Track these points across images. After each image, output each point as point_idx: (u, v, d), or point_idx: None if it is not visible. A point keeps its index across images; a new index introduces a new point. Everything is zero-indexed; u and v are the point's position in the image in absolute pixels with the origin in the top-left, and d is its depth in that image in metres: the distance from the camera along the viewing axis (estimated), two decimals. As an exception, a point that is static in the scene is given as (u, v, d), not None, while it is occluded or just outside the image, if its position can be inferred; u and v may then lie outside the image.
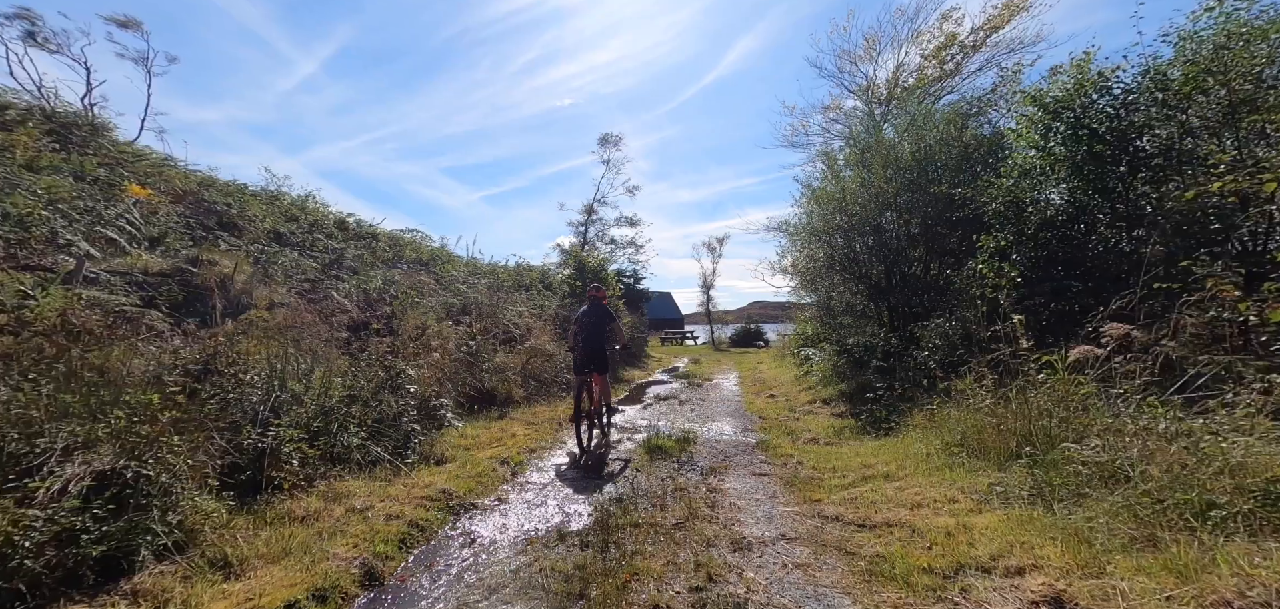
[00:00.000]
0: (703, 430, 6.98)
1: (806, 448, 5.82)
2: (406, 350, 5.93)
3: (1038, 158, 5.93)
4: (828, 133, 15.37)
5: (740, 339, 29.65)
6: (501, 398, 7.90)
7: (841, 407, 7.80)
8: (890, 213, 8.27)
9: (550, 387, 9.44)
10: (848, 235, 9.01)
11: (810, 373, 10.37)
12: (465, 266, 13.32)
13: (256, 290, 5.58)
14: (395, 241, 13.35)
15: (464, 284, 10.81)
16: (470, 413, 7.00)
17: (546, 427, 6.89)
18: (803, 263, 9.14)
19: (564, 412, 8.03)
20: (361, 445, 4.14)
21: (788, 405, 8.63)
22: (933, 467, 3.90)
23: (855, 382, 8.09)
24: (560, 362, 10.45)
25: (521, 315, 11.23)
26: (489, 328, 9.38)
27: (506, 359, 8.90)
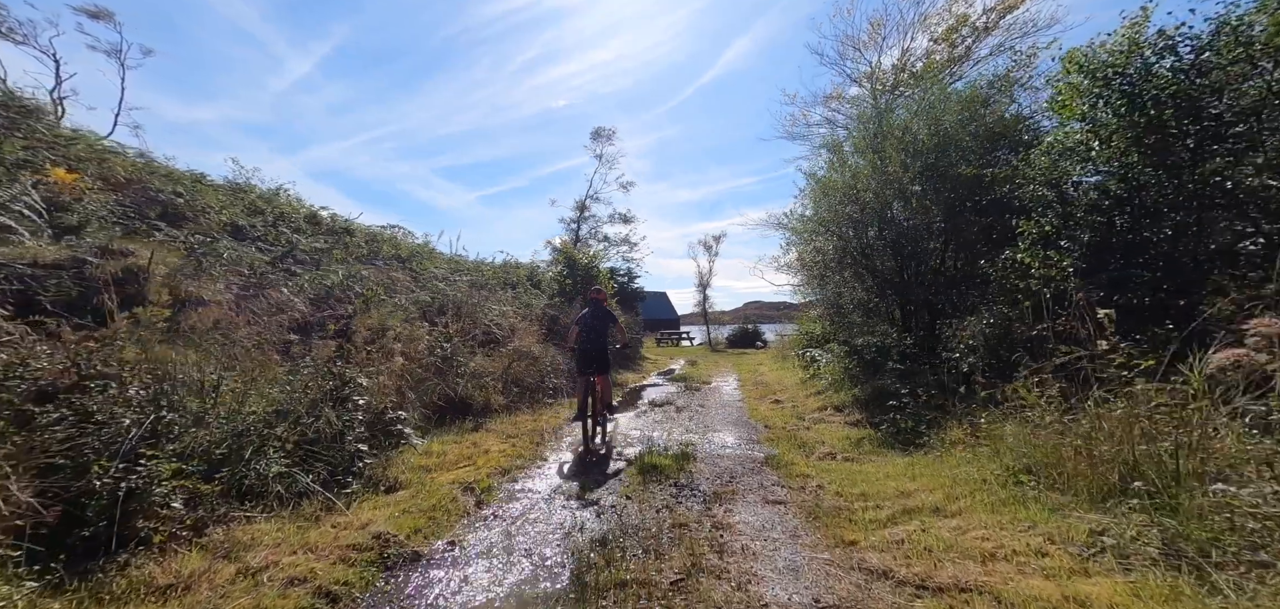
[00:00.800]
0: (703, 443, 6.19)
1: (824, 465, 5.04)
2: (359, 355, 5.11)
3: (1083, 132, 5.20)
4: (832, 121, 14.65)
5: (738, 340, 28.92)
6: (478, 406, 7.08)
7: (856, 414, 7.04)
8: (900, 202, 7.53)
9: (534, 393, 8.62)
10: (859, 226, 8.27)
11: (818, 376, 9.61)
12: (447, 263, 12.48)
13: (184, 285, 4.76)
14: (373, 238, 12.50)
15: (442, 281, 9.99)
16: (440, 424, 6.18)
17: (526, 439, 6.08)
18: (810, 256, 8.40)
19: (549, 421, 7.23)
20: (285, 474, 3.33)
21: (795, 412, 7.87)
22: (995, 499, 3.13)
23: (870, 386, 7.33)
24: (546, 365, 9.64)
25: (505, 315, 10.41)
26: (467, 329, 8.55)
27: (485, 363, 8.08)
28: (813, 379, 9.81)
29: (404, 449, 4.83)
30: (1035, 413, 3.56)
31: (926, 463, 4.42)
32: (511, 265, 14.94)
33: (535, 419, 7.31)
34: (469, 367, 7.31)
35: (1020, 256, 4.97)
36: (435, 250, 13.80)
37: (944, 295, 7.80)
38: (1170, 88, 4.49)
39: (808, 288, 9.31)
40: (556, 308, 12.52)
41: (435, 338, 7.66)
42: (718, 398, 9.92)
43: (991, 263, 5.34)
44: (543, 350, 9.97)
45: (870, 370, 7.86)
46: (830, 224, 8.30)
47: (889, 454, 5.23)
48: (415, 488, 4.09)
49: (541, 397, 8.75)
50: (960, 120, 7.24)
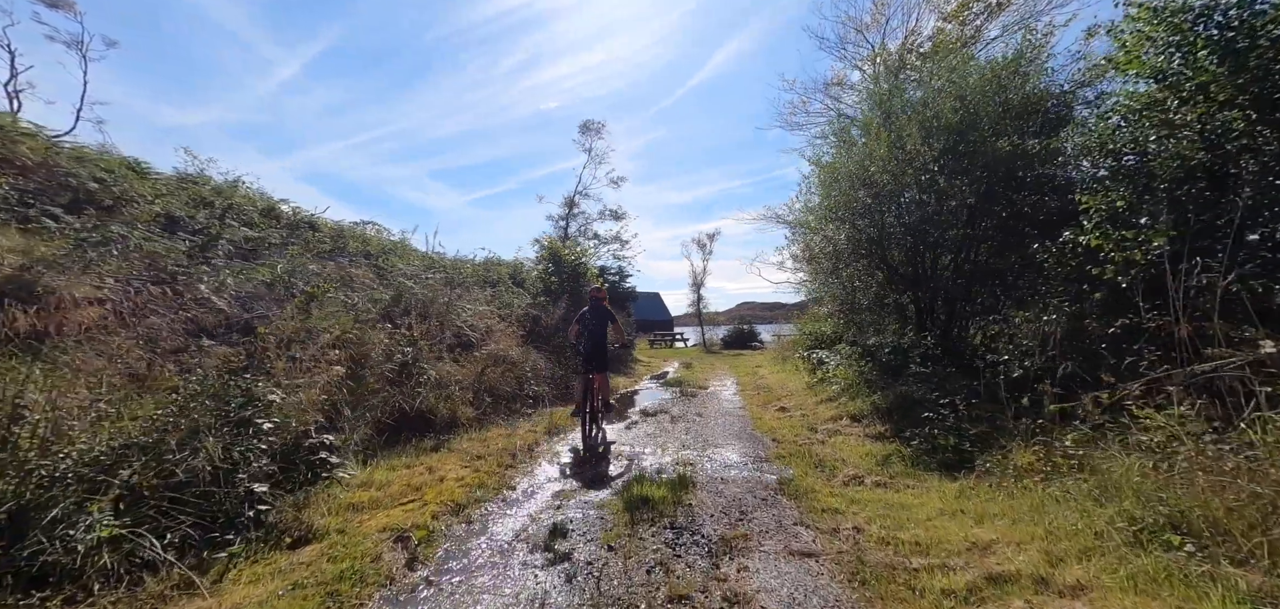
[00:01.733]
0: (704, 462, 5.27)
1: (854, 493, 4.13)
2: (279, 364, 4.12)
3: (1158, 91, 4.34)
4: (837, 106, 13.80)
5: (733, 340, 28.04)
6: (442, 421, 6.10)
7: (878, 425, 6.14)
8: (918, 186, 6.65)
9: (511, 403, 7.65)
10: (872, 213, 7.39)
11: (827, 380, 8.71)
12: (421, 261, 11.46)
13: (43, 280, 3.76)
14: (340, 233, 11.46)
15: (411, 279, 9.00)
16: (392, 444, 5.20)
17: (493, 462, 5.11)
18: (820, 246, 7.52)
19: (524, 436, 6.27)
20: (119, 539, 2.35)
21: (806, 423, 6.96)
22: (1134, 572, 2.20)
23: (892, 393, 6.44)
24: (526, 370, 8.68)
25: (482, 315, 9.43)
26: (434, 331, 7.57)
27: (454, 370, 7.10)
28: (821, 383, 8.92)
29: (331, 483, 3.84)
30: (1154, 434, 2.66)
31: (987, 495, 3.53)
32: (493, 263, 13.94)
33: (509, 434, 6.34)
34: (432, 375, 6.33)
35: (1086, 239, 4.09)
36: (411, 247, 12.79)
37: (969, 289, 6.93)
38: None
39: (815, 283, 8.44)
40: (540, 307, 11.55)
41: (395, 342, 6.68)
42: (717, 405, 9.00)
43: (1045, 248, 4.47)
44: (523, 354, 9.00)
45: (889, 374, 6.98)
46: (841, 210, 7.41)
47: (928, 478, 4.33)
48: (332, 539, 3.12)
49: (519, 406, 7.78)
50: (987, 93, 6.38)
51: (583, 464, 5.25)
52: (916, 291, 7.72)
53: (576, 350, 6.40)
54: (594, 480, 4.66)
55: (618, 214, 24.39)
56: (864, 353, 8.04)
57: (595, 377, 6.18)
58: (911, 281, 7.49)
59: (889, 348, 7.84)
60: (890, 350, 7.66)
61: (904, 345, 7.51)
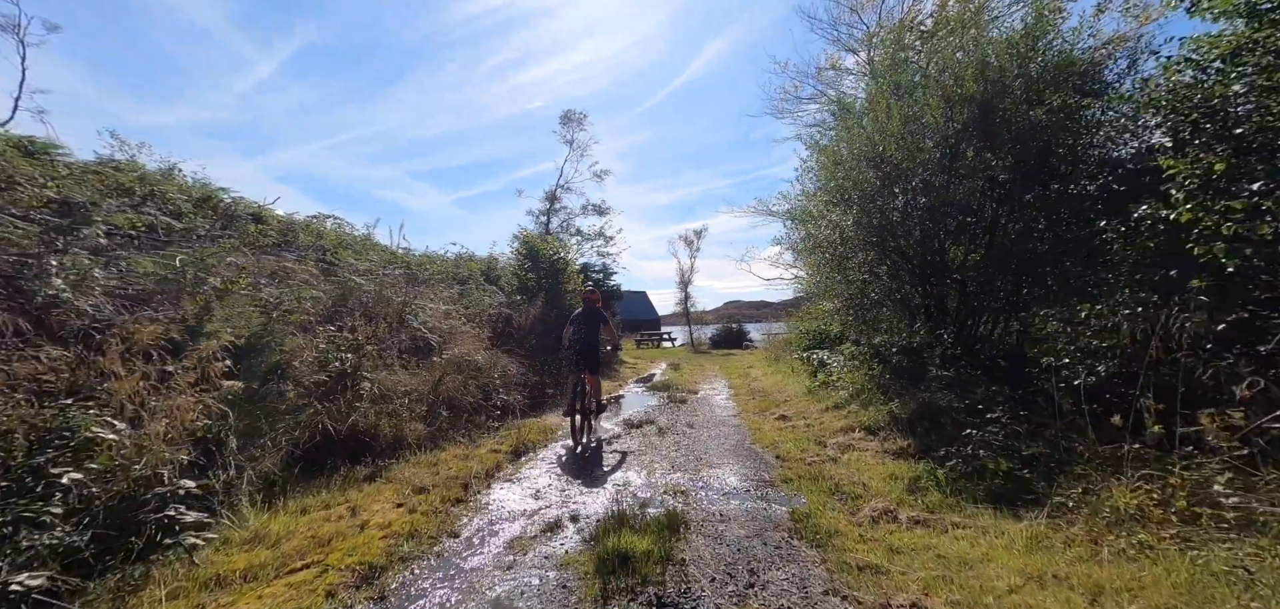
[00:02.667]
0: (697, 491, 4.36)
1: (889, 537, 3.24)
2: (117, 384, 3.08)
3: (1249, 30, 3.53)
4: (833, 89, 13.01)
5: (722, 340, 27.26)
6: (384, 441, 5.09)
7: (898, 439, 5.29)
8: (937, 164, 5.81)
9: (474, 416, 6.65)
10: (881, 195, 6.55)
11: (831, 385, 7.86)
12: (381, 255, 10.36)
13: None
14: (289, 227, 10.32)
15: (364, 275, 7.94)
16: (311, 474, 4.18)
17: (440, 494, 4.12)
18: (825, 233, 6.66)
19: (485, 457, 5.29)
20: None
21: (812, 435, 6.09)
22: None
23: (912, 401, 5.60)
24: (494, 377, 7.68)
25: (443, 315, 8.40)
26: (383, 334, 6.54)
27: (403, 379, 6.08)
28: (824, 388, 8.07)
29: (197, 546, 2.81)
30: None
31: (1079, 549, 2.65)
32: (465, 259, 12.89)
33: (467, 455, 5.35)
34: (372, 387, 5.31)
35: (1175, 213, 3.25)
36: (375, 243, 11.67)
37: (993, 279, 6.13)
38: None
39: (818, 276, 7.60)
40: (514, 306, 10.54)
41: (332, 347, 5.64)
42: (708, 412, 8.11)
43: (1112, 228, 3.64)
44: (490, 358, 8.00)
45: (905, 379, 6.14)
46: (847, 192, 6.56)
47: (978, 513, 3.46)
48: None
49: (484, 419, 6.78)
50: (1016, 55, 5.57)
51: (550, 495, 4.29)
52: (930, 283, 6.90)
53: (569, 351, 6.43)
54: (561, 521, 3.71)
55: (601, 209, 23.39)
56: (873, 354, 7.20)
57: (587, 377, 6.15)
58: (928, 271, 6.66)
59: (897, 348, 7.02)
60: (899, 350, 6.83)
61: (915, 345, 6.69)
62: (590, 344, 6.34)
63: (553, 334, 10.24)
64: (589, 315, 6.49)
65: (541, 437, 6.39)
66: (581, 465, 5.22)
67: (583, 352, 6.25)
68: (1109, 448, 3.01)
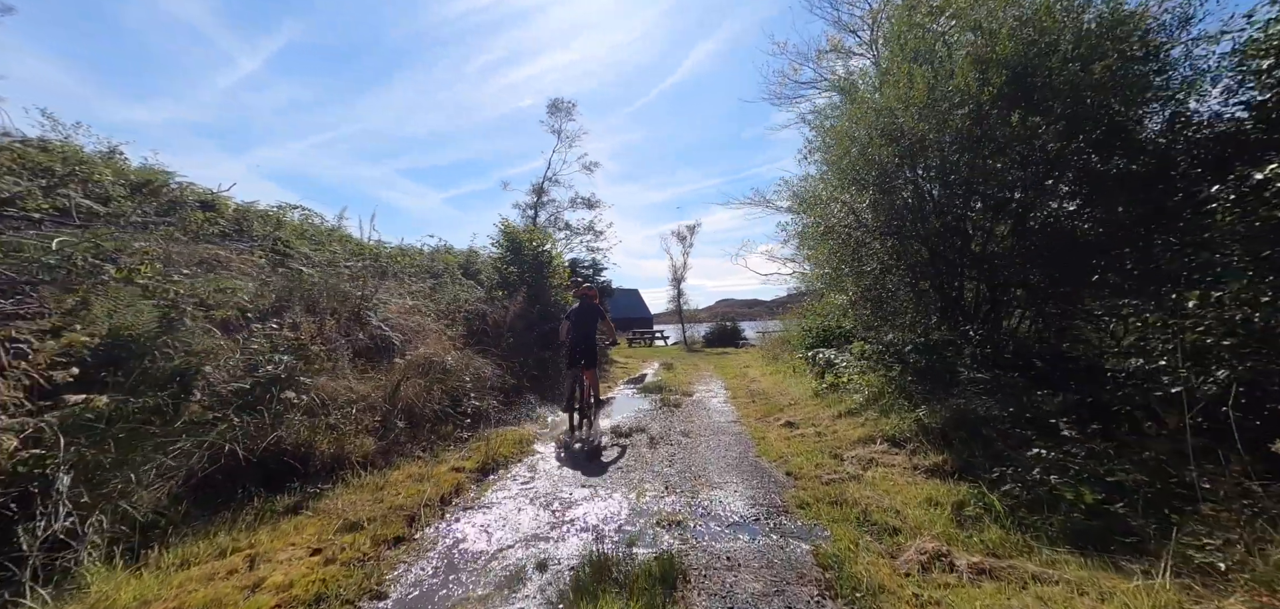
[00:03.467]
0: (695, 520, 3.57)
1: (949, 595, 2.46)
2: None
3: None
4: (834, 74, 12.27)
5: (716, 338, 26.48)
6: (321, 461, 4.23)
7: (932, 453, 4.52)
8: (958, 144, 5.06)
9: (440, 426, 5.79)
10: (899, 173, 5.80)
11: (842, 387, 7.10)
12: (344, 247, 9.45)
13: None
14: (243, 215, 9.37)
15: (318, 266, 7.05)
16: (218, 506, 3.32)
17: (374, 533, 3.28)
18: (840, 217, 5.88)
19: (444, 479, 4.45)
20: None
21: (826, 446, 5.32)
22: None
23: (944, 408, 4.84)
24: (467, 380, 6.83)
25: (411, 311, 7.53)
26: (329, 331, 5.67)
27: (353, 385, 5.21)
28: (833, 391, 7.31)
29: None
30: None
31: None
32: (443, 252, 11.99)
33: (424, 475, 4.51)
34: (305, 397, 4.44)
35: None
36: (345, 234, 10.74)
37: (1029, 267, 5.40)
38: None
39: (826, 267, 6.84)
40: (493, 302, 9.67)
41: (264, 348, 4.77)
42: (705, 417, 7.32)
43: (1222, 198, 2.90)
44: (462, 359, 7.14)
45: (930, 381, 5.39)
46: (863, 172, 5.79)
47: (1060, 559, 2.69)
48: None
49: (451, 429, 5.93)
50: (1066, 7, 4.83)
51: (516, 529, 3.47)
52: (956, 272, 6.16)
53: (566, 347, 6.53)
54: (524, 572, 2.89)
55: (591, 202, 22.50)
56: (887, 352, 6.45)
57: (585, 373, 6.29)
58: (952, 259, 5.91)
59: (910, 345, 6.28)
60: (915, 349, 6.08)
61: (934, 342, 5.94)
62: (588, 340, 6.40)
63: (535, 332, 9.40)
64: (586, 312, 6.56)
65: (515, 449, 5.57)
66: (558, 485, 4.40)
67: (580, 348, 6.32)
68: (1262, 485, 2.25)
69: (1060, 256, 4.65)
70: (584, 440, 5.83)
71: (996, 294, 6.09)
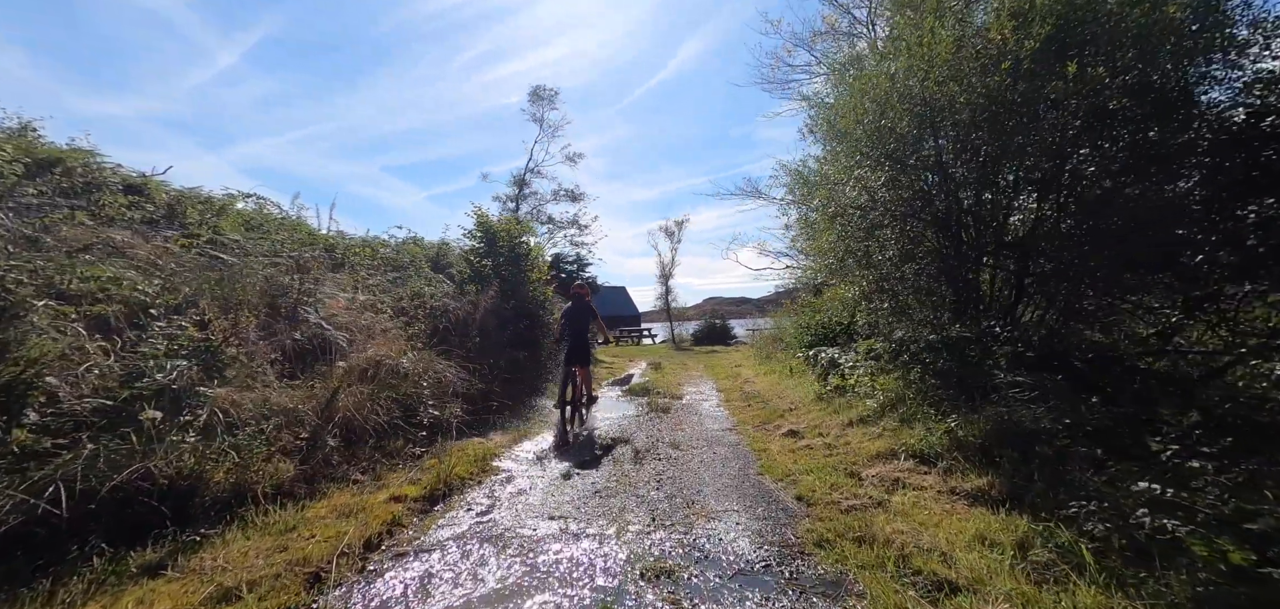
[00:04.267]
0: (691, 570, 2.78)
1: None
2: None
3: None
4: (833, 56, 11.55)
5: (705, 336, 25.77)
6: (214, 496, 3.33)
7: (972, 473, 3.77)
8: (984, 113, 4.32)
9: (387, 442, 4.90)
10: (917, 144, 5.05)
11: (849, 390, 6.36)
12: (295, 237, 8.45)
13: None
14: (177, 200, 8.34)
15: (245, 256, 6.10)
16: (33, 574, 2.43)
17: (264, 595, 2.42)
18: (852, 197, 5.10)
19: (380, 511, 3.57)
20: None
21: (839, 461, 4.54)
22: None
23: (982, 417, 4.09)
24: (424, 386, 5.95)
25: (363, 307, 6.60)
26: (245, 329, 4.75)
27: (275, 394, 4.30)
28: (838, 394, 6.57)
29: None
30: None
31: None
32: (411, 244, 11.03)
33: (354, 507, 3.63)
34: (204, 412, 3.54)
35: None
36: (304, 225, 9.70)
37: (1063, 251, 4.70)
38: None
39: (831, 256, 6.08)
40: (462, 297, 8.76)
41: (154, 352, 3.84)
42: (697, 425, 6.53)
43: None
44: (421, 361, 6.25)
45: (961, 386, 4.65)
46: (878, 143, 5.02)
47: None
48: None
49: (402, 444, 5.04)
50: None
51: (453, 587, 2.63)
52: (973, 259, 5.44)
53: (559, 344, 6.73)
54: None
55: (575, 194, 21.55)
56: (901, 350, 5.72)
57: (578, 370, 6.40)
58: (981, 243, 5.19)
59: (932, 342, 5.56)
60: (944, 345, 5.36)
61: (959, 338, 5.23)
62: (580, 338, 6.52)
63: (508, 330, 8.52)
64: (579, 310, 6.68)
65: (476, 468, 4.71)
66: (521, 517, 3.56)
67: (573, 345, 6.41)
68: None
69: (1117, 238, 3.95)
70: (576, 436, 5.88)
71: (1022, 283, 5.39)
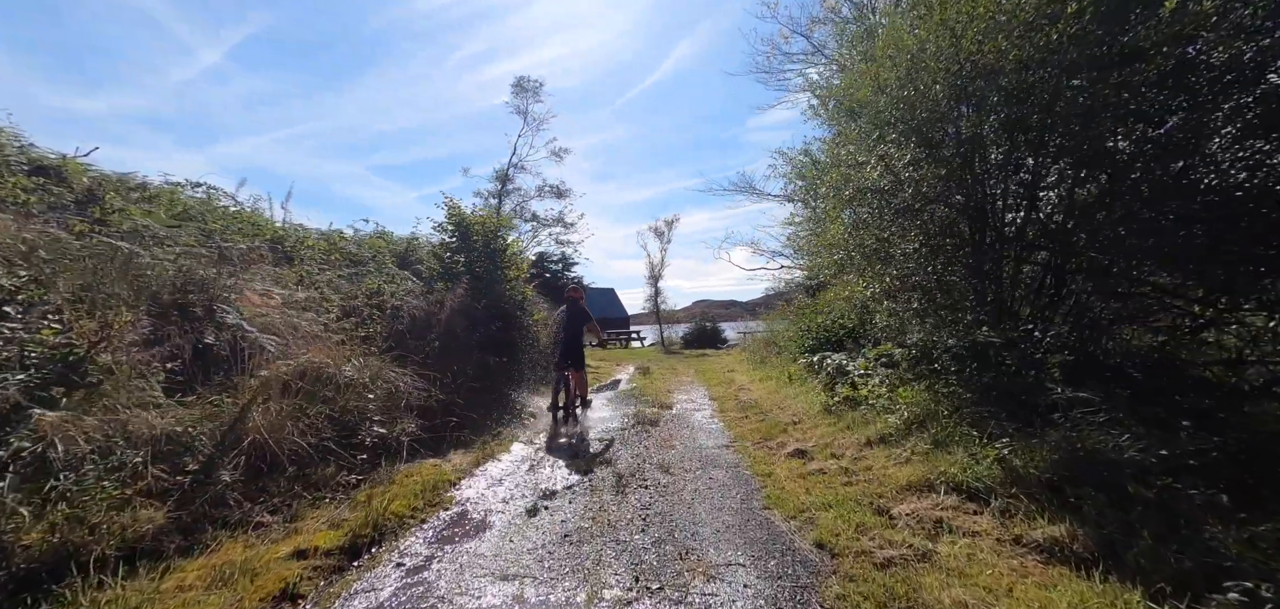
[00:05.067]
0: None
1: None
2: None
3: None
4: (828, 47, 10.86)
5: (695, 339, 24.98)
6: (18, 566, 2.43)
7: (1039, 517, 2.99)
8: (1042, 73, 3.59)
9: (314, 470, 3.99)
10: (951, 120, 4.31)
11: (862, 402, 5.59)
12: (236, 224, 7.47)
13: None
14: (99, 184, 7.33)
15: (157, 245, 5.16)
16: None
17: None
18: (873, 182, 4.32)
19: (268, 579, 2.69)
20: None
21: (860, 491, 3.75)
22: None
23: (1046, 445, 3.33)
24: (369, 402, 5.05)
25: (303, 304, 5.68)
26: (118, 331, 3.82)
27: (150, 416, 3.38)
28: (848, 406, 5.79)
29: None
30: None
31: None
32: (373, 237, 10.07)
33: (235, 571, 2.74)
34: (28, 447, 2.63)
35: None
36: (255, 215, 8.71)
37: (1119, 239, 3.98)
38: None
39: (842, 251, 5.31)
40: (427, 295, 7.85)
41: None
42: (689, 441, 5.71)
43: None
44: (368, 369, 5.34)
45: (1005, 400, 3.89)
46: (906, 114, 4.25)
47: None
48: None
49: (334, 472, 4.14)
50: None
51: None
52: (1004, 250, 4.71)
53: (554, 348, 6.83)
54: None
55: (560, 191, 20.64)
56: (924, 357, 4.96)
57: (571, 374, 6.55)
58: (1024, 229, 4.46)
59: (956, 349, 4.82)
60: (968, 353, 4.62)
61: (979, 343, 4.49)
62: (574, 341, 6.62)
63: (478, 333, 7.62)
64: (573, 313, 6.77)
65: (421, 501, 3.84)
66: (463, 577, 2.70)
67: (567, 350, 6.50)
68: None
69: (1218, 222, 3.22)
70: (570, 436, 5.86)
71: (1064, 278, 4.67)
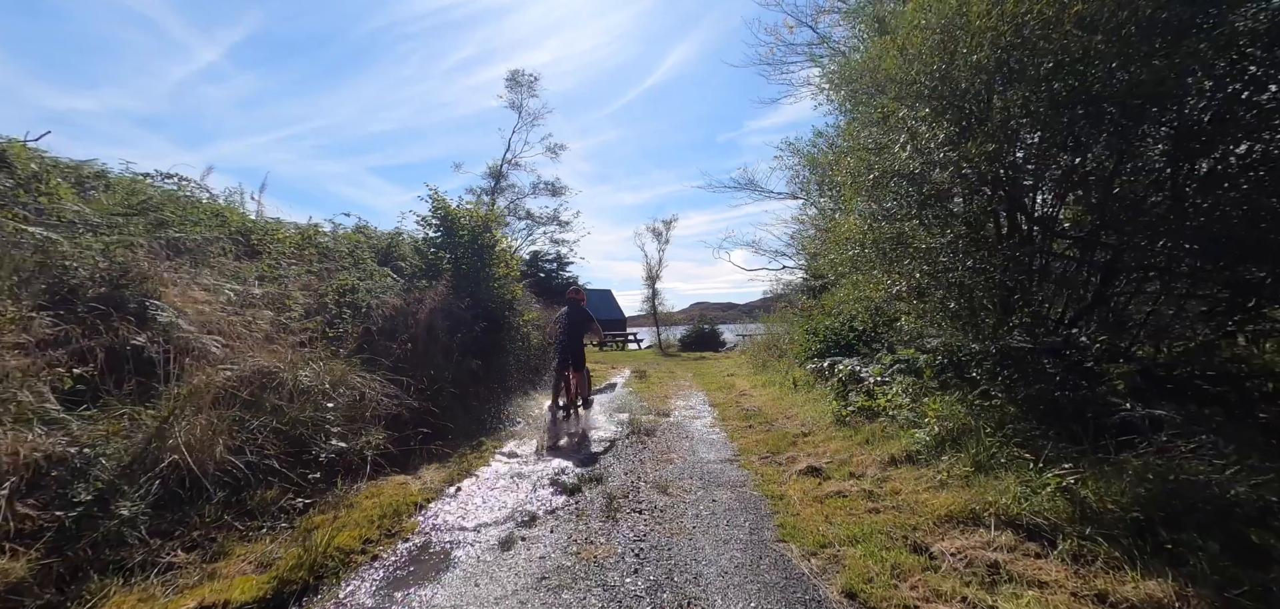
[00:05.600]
0: None
1: None
2: None
3: None
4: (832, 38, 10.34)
5: (693, 342, 24.39)
6: None
7: (1130, 570, 2.43)
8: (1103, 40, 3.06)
9: (251, 494, 3.41)
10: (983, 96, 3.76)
11: (882, 414, 5.03)
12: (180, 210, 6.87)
13: None
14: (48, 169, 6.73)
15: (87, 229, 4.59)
16: None
17: None
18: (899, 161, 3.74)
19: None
20: None
21: (890, 521, 3.18)
22: None
23: (1129, 476, 2.77)
24: (328, 411, 4.46)
25: (256, 301, 5.08)
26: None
27: (28, 438, 2.79)
28: (866, 417, 5.23)
29: None
30: None
31: None
32: (355, 232, 9.48)
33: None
34: None
35: None
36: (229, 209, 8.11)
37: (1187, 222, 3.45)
38: None
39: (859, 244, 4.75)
40: (406, 293, 7.26)
41: None
42: (689, 453, 5.15)
43: None
44: (329, 374, 4.76)
45: (1052, 414, 3.34)
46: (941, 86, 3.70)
47: None
48: None
49: (276, 494, 3.56)
50: None
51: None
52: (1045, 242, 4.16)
53: (555, 348, 6.93)
54: None
55: (555, 188, 20.04)
56: (952, 365, 4.41)
57: (572, 375, 6.61)
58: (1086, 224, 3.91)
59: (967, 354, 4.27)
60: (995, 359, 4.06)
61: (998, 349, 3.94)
62: (575, 342, 6.70)
63: (460, 334, 7.03)
64: (574, 314, 6.89)
65: (377, 530, 3.27)
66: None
67: (567, 351, 6.57)
68: None
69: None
70: (571, 435, 5.81)
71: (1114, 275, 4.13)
